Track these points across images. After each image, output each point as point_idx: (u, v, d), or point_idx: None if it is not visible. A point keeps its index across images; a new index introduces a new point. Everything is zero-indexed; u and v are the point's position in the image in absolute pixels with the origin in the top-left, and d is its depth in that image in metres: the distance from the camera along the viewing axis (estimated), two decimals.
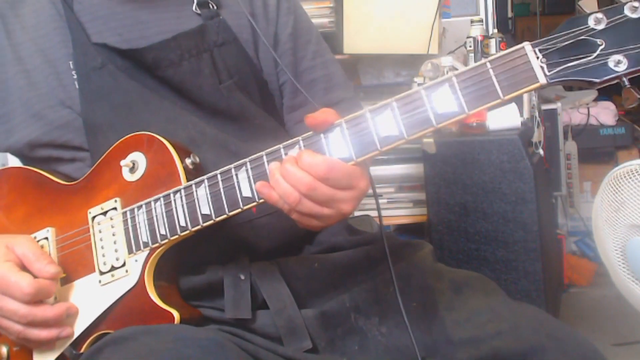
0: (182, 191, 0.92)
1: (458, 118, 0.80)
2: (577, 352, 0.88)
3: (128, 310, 0.93)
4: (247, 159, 0.88)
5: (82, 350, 0.95)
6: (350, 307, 0.99)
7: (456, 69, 2.22)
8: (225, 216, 0.89)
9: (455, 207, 2.03)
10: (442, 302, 0.98)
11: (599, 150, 3.55)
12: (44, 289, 0.93)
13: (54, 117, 1.05)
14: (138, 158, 0.96)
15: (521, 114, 2.14)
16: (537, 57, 0.77)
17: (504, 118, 2.11)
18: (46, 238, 1.01)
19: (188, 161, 0.94)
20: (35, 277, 0.93)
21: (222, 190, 0.89)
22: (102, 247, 0.96)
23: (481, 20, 2.40)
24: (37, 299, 0.93)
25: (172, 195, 0.92)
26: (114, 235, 0.96)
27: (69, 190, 1.03)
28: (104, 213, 0.97)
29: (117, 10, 1.09)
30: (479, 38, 2.30)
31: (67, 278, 0.99)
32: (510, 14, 3.25)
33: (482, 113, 2.03)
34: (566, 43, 0.77)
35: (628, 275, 1.60)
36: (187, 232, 0.91)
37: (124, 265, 0.94)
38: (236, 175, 0.88)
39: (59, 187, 1.04)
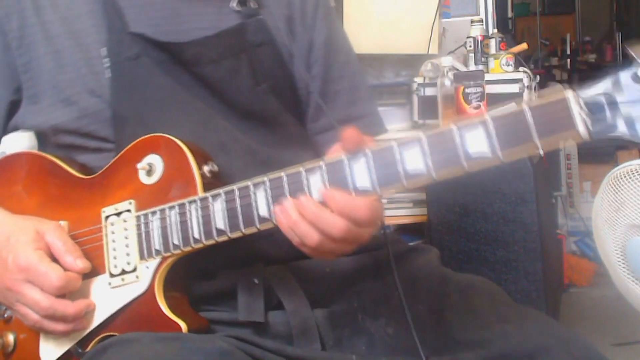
0: (198, 202, 0.89)
1: (489, 163, 0.75)
2: (582, 353, 0.88)
3: (136, 315, 0.92)
4: (266, 177, 0.85)
5: (87, 349, 0.94)
6: (357, 308, 0.99)
7: (456, 69, 2.22)
8: (240, 234, 0.86)
9: (455, 207, 2.03)
10: (448, 305, 0.98)
11: (599, 150, 3.56)
12: (72, 283, 0.91)
13: (82, 105, 1.01)
14: (155, 161, 0.94)
15: None
16: (580, 108, 0.71)
17: None
18: None
19: (206, 168, 0.91)
20: (63, 269, 0.92)
21: (238, 206, 0.86)
22: (114, 249, 0.94)
23: (481, 20, 2.40)
24: (63, 293, 0.91)
25: (187, 205, 0.89)
26: (126, 238, 0.94)
27: (83, 184, 1.00)
28: (118, 214, 0.95)
29: (156, 0, 1.05)
30: (479, 38, 2.30)
31: None
32: (510, 14, 3.26)
33: (482, 112, 2.03)
34: (612, 94, 0.71)
35: (628, 275, 1.60)
36: (201, 245, 0.89)
37: (134, 270, 0.92)
38: (254, 193, 0.85)
39: (73, 179, 1.01)
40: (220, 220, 0.87)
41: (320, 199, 0.81)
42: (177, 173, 0.92)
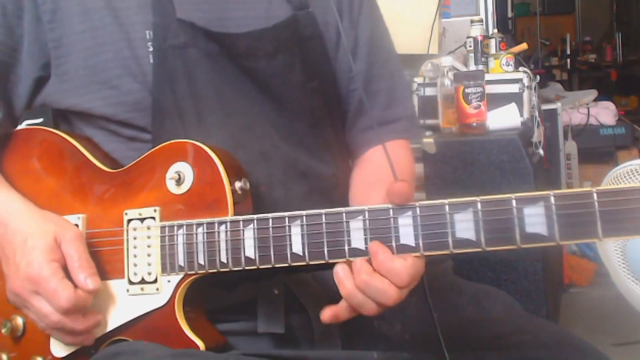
0: (228, 225, 0.84)
1: (544, 245, 0.70)
2: None
3: (152, 326, 0.89)
4: (304, 213, 0.81)
5: (99, 349, 0.92)
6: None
7: (456, 69, 2.22)
8: (270, 266, 0.83)
9: None
10: (465, 316, 0.97)
11: (599, 150, 3.56)
12: (81, 302, 0.87)
13: (122, 90, 0.95)
14: (185, 170, 0.89)
15: (521, 114, 2.14)
16: None
17: (504, 118, 2.11)
18: (76, 225, 0.94)
19: (237, 185, 0.87)
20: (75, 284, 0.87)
21: (271, 238, 0.82)
22: (135, 256, 0.91)
23: (481, 20, 2.40)
24: (70, 313, 0.87)
25: (216, 225, 0.85)
26: (149, 247, 0.90)
27: (106, 177, 0.95)
28: (141, 219, 0.90)
29: None
30: (479, 38, 2.30)
31: None
32: (510, 14, 3.26)
33: (482, 112, 2.03)
34: None
35: (628, 275, 1.60)
36: (227, 269, 0.85)
37: (155, 281, 0.89)
38: (289, 227, 0.81)
39: (96, 170, 0.95)
40: (250, 249, 0.83)
41: (361, 248, 0.78)
42: (207, 187, 0.87)
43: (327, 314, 0.82)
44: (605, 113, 3.68)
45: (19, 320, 0.96)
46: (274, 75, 0.98)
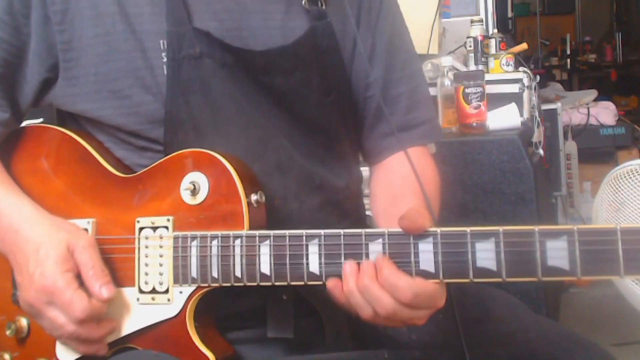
0: (244, 239, 0.83)
1: (565, 278, 0.71)
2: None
3: (162, 336, 0.88)
4: (322, 232, 0.80)
5: (107, 356, 0.91)
6: None
7: (456, 69, 2.22)
8: (285, 283, 0.82)
9: (455, 207, 2.03)
10: (470, 317, 0.97)
11: (599, 150, 3.56)
12: (96, 312, 0.86)
13: (134, 101, 0.93)
14: (200, 180, 0.87)
15: (521, 114, 2.14)
16: None
17: (504, 118, 2.11)
18: (85, 229, 0.92)
19: (253, 198, 0.85)
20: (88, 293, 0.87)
21: (288, 255, 0.81)
22: (147, 265, 0.89)
23: (481, 20, 2.40)
24: (85, 323, 0.86)
25: (232, 238, 0.84)
26: (161, 256, 0.88)
27: (117, 182, 0.93)
28: (154, 228, 0.89)
29: None
30: (479, 38, 2.30)
31: None
32: (510, 14, 3.26)
33: (482, 112, 2.03)
34: None
35: None
36: (242, 284, 0.84)
37: (167, 292, 0.87)
38: (306, 245, 0.80)
39: (107, 174, 0.93)
40: (265, 265, 0.82)
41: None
42: (222, 199, 0.86)
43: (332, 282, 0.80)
44: (605, 113, 3.68)
45: (24, 322, 0.95)
46: (291, 90, 0.96)
